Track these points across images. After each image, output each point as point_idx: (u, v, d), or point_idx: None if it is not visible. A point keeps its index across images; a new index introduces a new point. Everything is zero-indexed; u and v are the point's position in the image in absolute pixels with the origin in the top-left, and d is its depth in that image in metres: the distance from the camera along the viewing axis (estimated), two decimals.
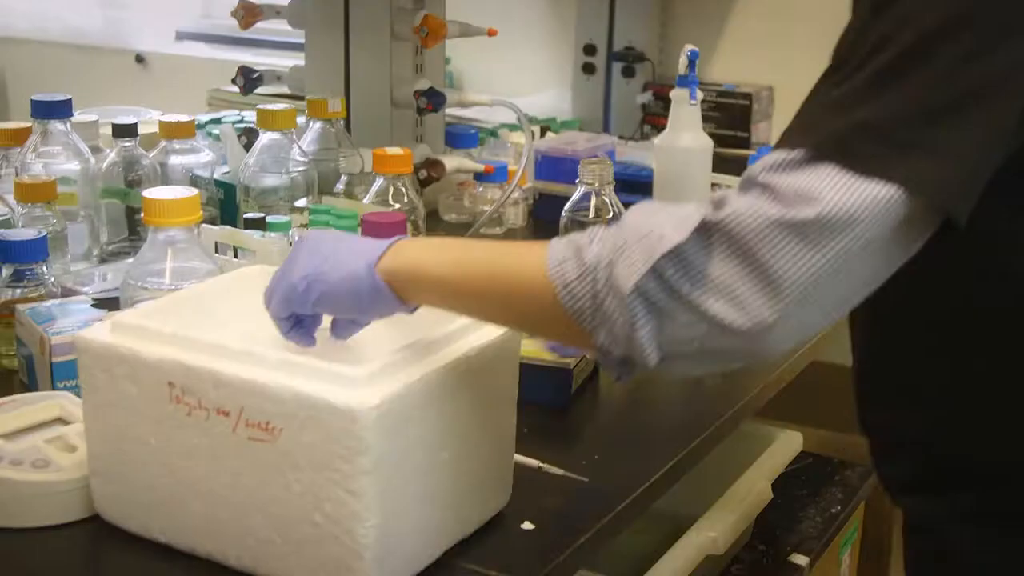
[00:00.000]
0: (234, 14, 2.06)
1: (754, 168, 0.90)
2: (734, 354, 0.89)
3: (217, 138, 2.06)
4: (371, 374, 0.94)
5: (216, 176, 1.87)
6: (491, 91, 3.03)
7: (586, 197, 1.70)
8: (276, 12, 2.09)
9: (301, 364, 0.96)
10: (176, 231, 1.28)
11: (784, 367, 1.54)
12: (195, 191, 1.29)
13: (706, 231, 0.87)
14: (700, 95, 1.93)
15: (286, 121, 1.74)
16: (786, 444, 1.81)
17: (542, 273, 0.91)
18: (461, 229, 2.00)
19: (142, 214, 1.30)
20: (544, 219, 2.05)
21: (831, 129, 0.88)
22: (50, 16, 3.70)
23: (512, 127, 2.35)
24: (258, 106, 1.78)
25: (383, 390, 0.93)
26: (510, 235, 2.06)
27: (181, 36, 3.62)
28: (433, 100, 1.93)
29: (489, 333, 1.05)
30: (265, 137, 1.75)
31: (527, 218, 2.10)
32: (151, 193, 1.27)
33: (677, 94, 1.92)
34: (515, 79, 3.04)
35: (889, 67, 0.87)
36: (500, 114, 2.32)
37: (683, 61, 1.90)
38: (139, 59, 3.61)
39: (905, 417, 1.10)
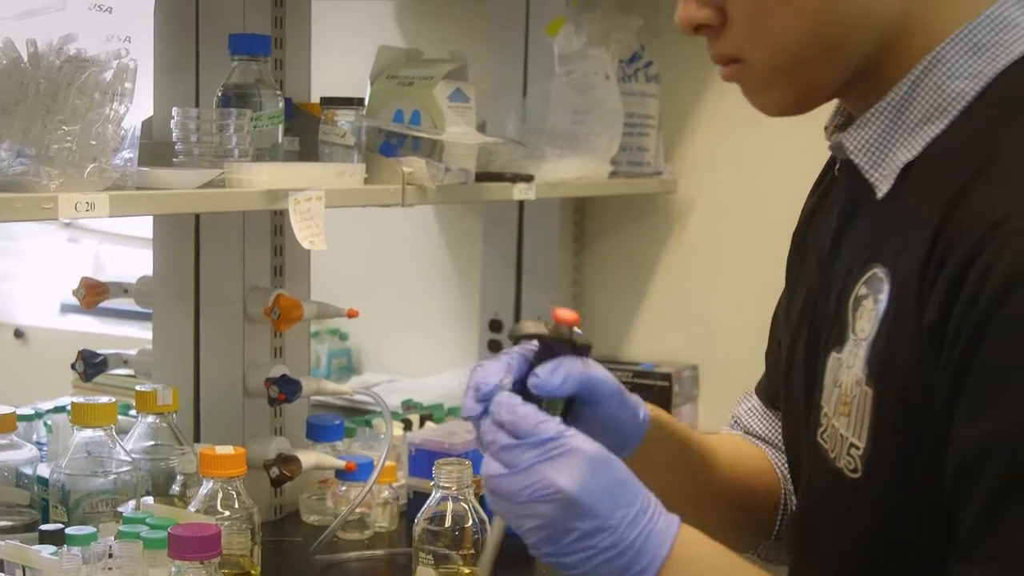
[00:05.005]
0: (75, 293, 1.98)
1: None
2: None
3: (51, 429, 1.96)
4: None
5: (43, 473, 1.75)
6: (392, 371, 2.98)
7: (444, 502, 1.59)
8: (124, 290, 2.02)
9: None
10: None
11: None
12: None
13: None
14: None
15: (104, 416, 1.63)
16: None
17: None
18: (322, 532, 1.87)
19: None
20: None
21: None
22: None
23: (393, 415, 2.25)
24: (73, 400, 1.68)
25: None
26: (378, 539, 1.93)
27: (65, 309, 3.55)
28: (286, 389, 1.84)
29: None
30: (81, 435, 1.64)
31: (398, 520, 1.98)
32: None
33: None
34: (418, 357, 2.97)
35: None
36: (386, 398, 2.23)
37: None
38: (18, 333, 3.54)
39: None
